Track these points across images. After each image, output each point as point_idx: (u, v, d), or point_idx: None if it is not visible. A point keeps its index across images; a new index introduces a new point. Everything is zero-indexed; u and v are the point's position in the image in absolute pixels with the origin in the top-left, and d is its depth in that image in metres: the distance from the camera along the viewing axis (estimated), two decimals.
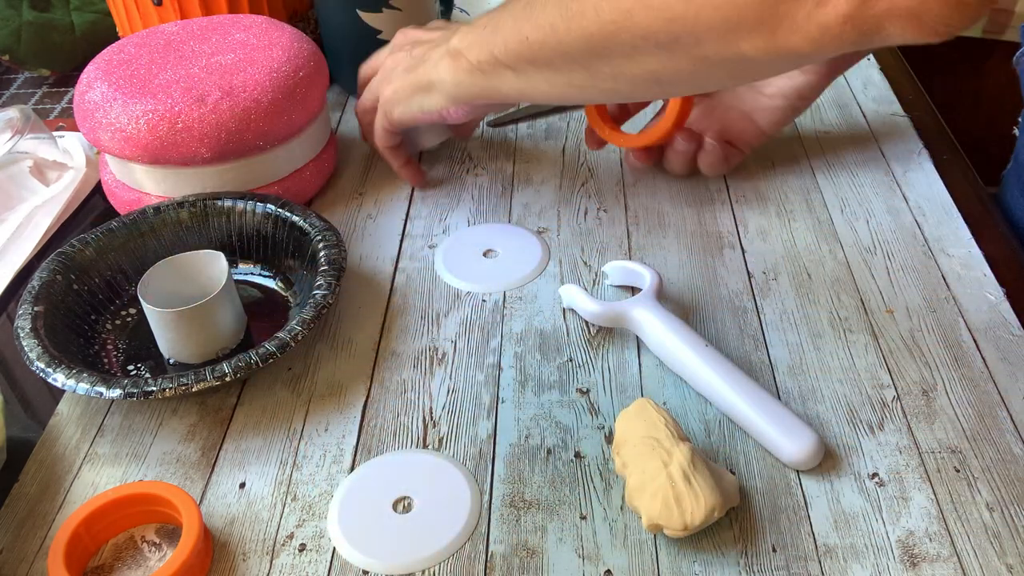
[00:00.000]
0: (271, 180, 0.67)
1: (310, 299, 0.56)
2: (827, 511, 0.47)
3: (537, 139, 0.77)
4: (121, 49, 0.69)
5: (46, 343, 0.53)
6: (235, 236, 0.64)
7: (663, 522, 0.44)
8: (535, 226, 0.67)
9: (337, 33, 0.79)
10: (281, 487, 0.50)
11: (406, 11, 0.78)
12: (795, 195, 0.68)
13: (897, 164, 0.71)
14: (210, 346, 0.57)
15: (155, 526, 0.48)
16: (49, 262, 0.59)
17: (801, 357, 0.55)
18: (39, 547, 0.48)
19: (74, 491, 0.50)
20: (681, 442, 0.46)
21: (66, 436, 0.54)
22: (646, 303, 0.56)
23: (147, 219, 0.63)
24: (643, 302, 0.56)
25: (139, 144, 0.63)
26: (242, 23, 0.71)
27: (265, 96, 0.64)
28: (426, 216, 0.69)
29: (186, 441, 0.53)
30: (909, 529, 0.46)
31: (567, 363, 0.56)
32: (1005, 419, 0.51)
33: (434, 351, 0.57)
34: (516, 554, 0.46)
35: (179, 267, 0.58)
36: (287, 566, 0.46)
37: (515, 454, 0.51)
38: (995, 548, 0.45)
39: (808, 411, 0.52)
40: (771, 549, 0.45)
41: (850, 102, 0.79)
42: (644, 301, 0.56)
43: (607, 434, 0.51)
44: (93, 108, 0.64)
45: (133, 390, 0.50)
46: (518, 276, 0.62)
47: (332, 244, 0.59)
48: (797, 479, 0.48)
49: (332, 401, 0.55)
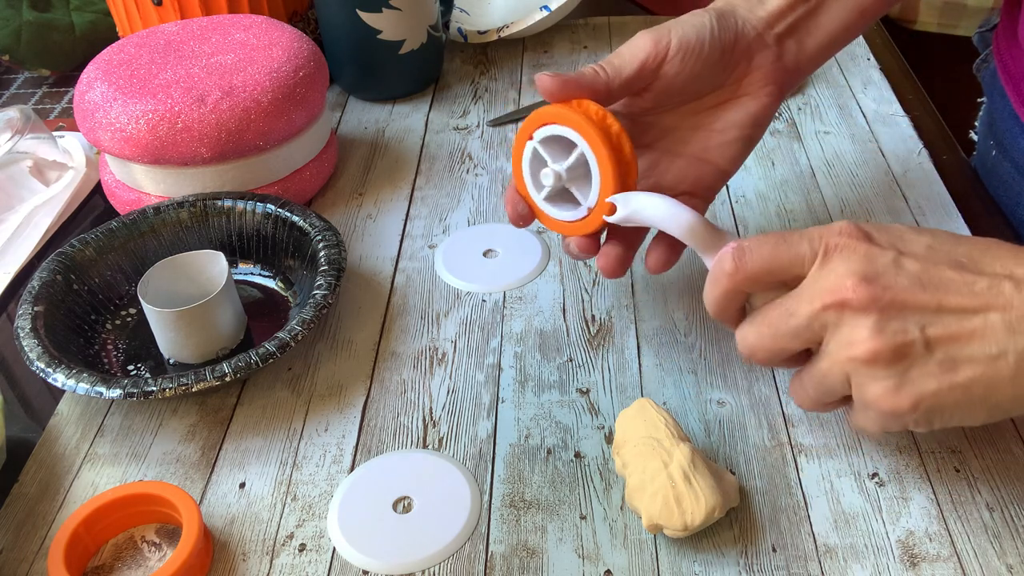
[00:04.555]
0: (271, 180, 0.67)
1: (310, 299, 0.56)
2: (827, 511, 0.47)
3: None
4: (121, 49, 0.69)
5: (46, 343, 0.53)
6: (235, 236, 0.64)
7: (663, 522, 0.44)
8: (535, 226, 0.67)
9: (337, 33, 0.79)
10: (281, 487, 0.50)
11: (406, 11, 0.78)
12: (795, 195, 0.68)
13: (897, 164, 0.71)
14: (210, 346, 0.57)
15: (155, 526, 0.48)
16: (49, 262, 0.59)
17: None
18: (39, 547, 0.48)
19: (74, 491, 0.50)
20: (681, 442, 0.46)
21: (66, 436, 0.54)
22: None
23: (147, 219, 0.63)
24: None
25: (139, 144, 0.63)
26: (242, 23, 0.71)
27: (265, 96, 0.64)
28: (426, 216, 0.69)
29: (186, 441, 0.53)
30: (909, 529, 0.46)
31: (567, 363, 0.56)
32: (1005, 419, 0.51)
33: (434, 351, 0.57)
34: (516, 554, 0.46)
35: (179, 267, 0.58)
36: (287, 566, 0.46)
37: (515, 454, 0.51)
38: (995, 548, 0.45)
39: (808, 411, 0.52)
40: (771, 549, 0.45)
41: (850, 102, 0.79)
42: None
43: (607, 434, 0.51)
44: (93, 108, 0.64)
45: (133, 390, 0.50)
46: (518, 276, 0.62)
47: (332, 244, 0.59)
48: (797, 479, 0.48)
49: (332, 401, 0.55)
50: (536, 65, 0.88)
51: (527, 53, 0.90)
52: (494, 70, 0.88)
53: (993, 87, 0.71)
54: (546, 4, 0.86)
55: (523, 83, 0.85)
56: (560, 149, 0.50)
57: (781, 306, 0.41)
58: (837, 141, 0.74)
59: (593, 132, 0.47)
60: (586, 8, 0.94)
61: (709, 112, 0.53)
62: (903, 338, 0.38)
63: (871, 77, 0.82)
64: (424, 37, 0.81)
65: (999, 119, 0.69)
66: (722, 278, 0.43)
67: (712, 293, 0.44)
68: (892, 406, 0.39)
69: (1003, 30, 0.67)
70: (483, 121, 0.80)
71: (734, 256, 0.42)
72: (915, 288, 0.38)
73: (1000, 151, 0.68)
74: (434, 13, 0.81)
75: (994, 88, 0.70)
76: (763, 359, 0.43)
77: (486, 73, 0.87)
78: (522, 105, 0.81)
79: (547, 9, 0.86)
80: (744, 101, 0.52)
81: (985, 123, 0.73)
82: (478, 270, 0.63)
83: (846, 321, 0.39)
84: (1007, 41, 0.65)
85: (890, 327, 0.38)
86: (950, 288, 0.38)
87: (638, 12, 0.99)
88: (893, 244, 0.40)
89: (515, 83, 0.85)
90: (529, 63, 0.88)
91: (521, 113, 0.80)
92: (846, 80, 0.81)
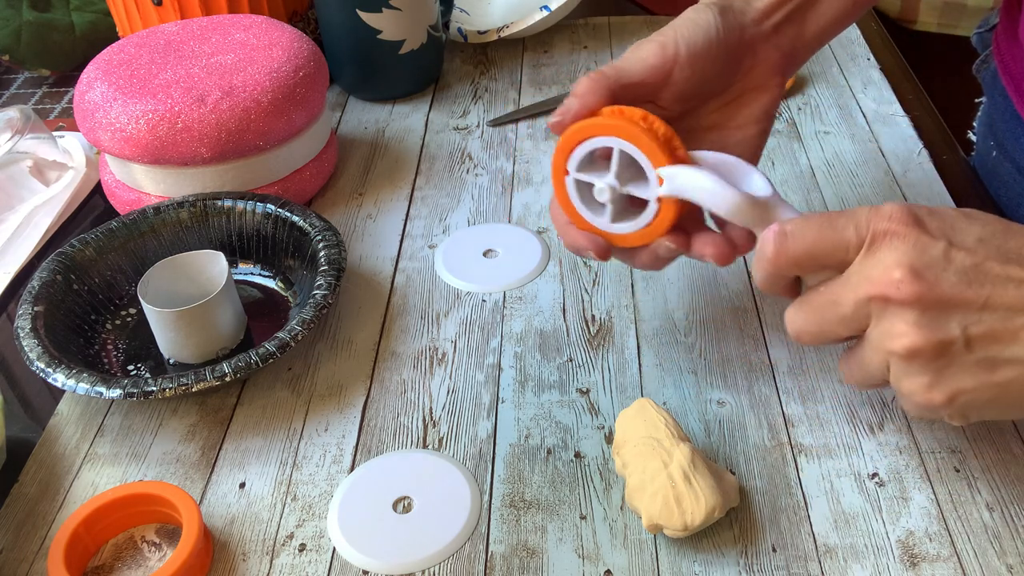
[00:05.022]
0: (271, 180, 0.67)
1: (310, 299, 0.56)
2: (827, 511, 0.47)
3: (537, 139, 0.77)
4: (121, 49, 0.69)
5: (46, 343, 0.53)
6: (235, 236, 0.64)
7: (663, 522, 0.44)
8: (535, 226, 0.67)
9: (337, 33, 0.79)
10: (281, 487, 0.50)
11: (406, 11, 0.78)
12: (795, 195, 0.68)
13: (897, 164, 0.71)
14: (210, 346, 0.57)
15: (155, 526, 0.48)
16: (49, 262, 0.59)
17: (801, 357, 0.55)
18: (39, 547, 0.48)
19: (74, 491, 0.50)
20: (681, 442, 0.46)
21: (66, 436, 0.54)
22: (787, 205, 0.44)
23: (147, 219, 0.63)
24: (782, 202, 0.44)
25: (139, 144, 0.63)
26: (242, 23, 0.71)
27: (265, 96, 0.64)
28: (426, 216, 0.69)
29: (186, 441, 0.53)
30: (909, 529, 0.46)
31: (567, 363, 0.56)
32: None
33: (434, 351, 0.57)
34: (516, 554, 0.46)
35: (179, 267, 0.58)
36: (287, 566, 0.46)
37: (515, 454, 0.51)
38: (995, 548, 0.45)
39: (808, 411, 0.52)
40: (771, 549, 0.45)
41: (850, 102, 0.79)
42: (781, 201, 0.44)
43: (607, 434, 0.51)
44: (93, 108, 0.64)
45: (133, 390, 0.50)
46: (518, 276, 0.62)
47: (332, 244, 0.59)
48: (797, 479, 0.48)
49: (332, 401, 0.55)
50: (536, 65, 0.88)
51: (527, 53, 0.90)
52: (494, 70, 0.88)
53: (994, 88, 0.71)
54: (546, 4, 0.86)
55: (523, 83, 0.85)
56: (597, 165, 0.47)
57: (827, 293, 0.40)
58: (837, 141, 0.74)
59: (610, 122, 0.44)
60: (586, 8, 0.94)
61: (722, 110, 0.51)
62: (944, 336, 0.37)
63: (871, 77, 0.82)
64: (424, 37, 0.81)
65: (1000, 120, 0.69)
66: (764, 262, 0.41)
67: (756, 275, 0.43)
68: (926, 400, 0.39)
69: (1003, 30, 0.67)
70: (483, 121, 0.80)
71: (776, 241, 0.40)
72: (962, 285, 0.37)
73: (1000, 151, 0.68)
74: (434, 13, 0.81)
75: (995, 88, 0.70)
76: (810, 342, 0.42)
77: (486, 73, 0.87)
78: (522, 105, 0.81)
79: (547, 9, 0.86)
80: (755, 95, 0.51)
81: (985, 123, 0.73)
82: (478, 270, 0.63)
83: (889, 313, 0.38)
84: (1007, 41, 0.65)
85: (932, 324, 0.37)
86: (997, 285, 0.37)
87: (638, 12, 0.99)
88: (944, 233, 0.38)
89: (515, 83, 0.85)
90: (529, 63, 0.88)
91: (521, 113, 0.80)
92: (846, 80, 0.81)
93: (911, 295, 0.37)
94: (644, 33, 0.91)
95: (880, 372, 0.40)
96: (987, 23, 0.74)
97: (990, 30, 0.73)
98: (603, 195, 0.46)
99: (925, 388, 0.38)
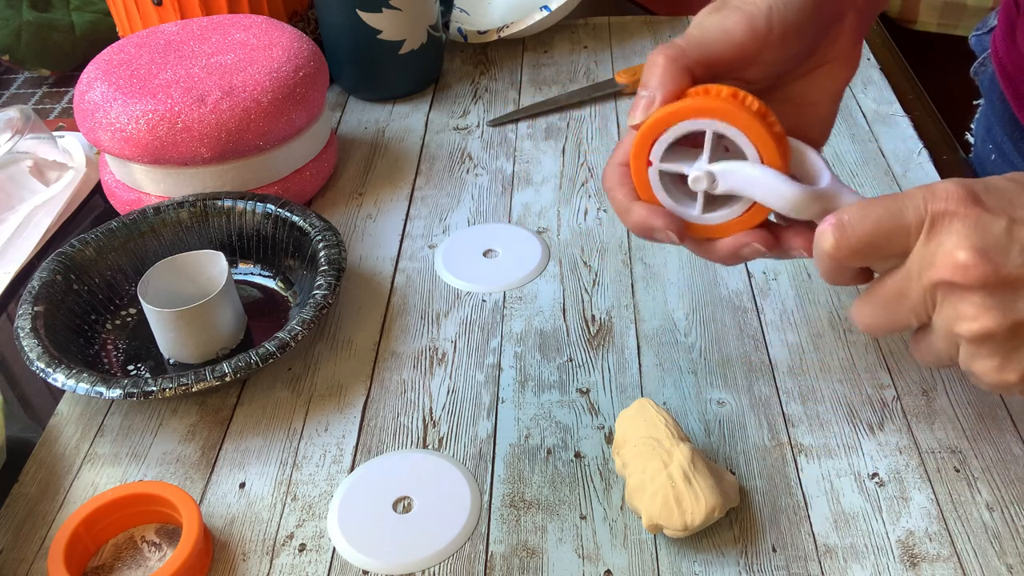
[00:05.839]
0: (271, 180, 0.67)
1: (310, 299, 0.56)
2: (827, 511, 0.47)
3: (537, 139, 0.77)
4: (121, 49, 0.69)
5: (46, 343, 0.53)
6: (235, 236, 0.64)
7: (663, 522, 0.44)
8: (535, 226, 0.67)
9: (337, 33, 0.79)
10: (281, 487, 0.50)
11: (406, 11, 0.78)
12: None
13: (897, 164, 0.71)
14: (210, 346, 0.57)
15: (155, 526, 0.48)
16: (49, 262, 0.59)
17: (801, 357, 0.55)
18: (39, 547, 0.48)
19: (74, 491, 0.50)
20: (681, 442, 0.46)
21: (66, 436, 0.54)
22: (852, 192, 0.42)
23: (147, 219, 0.63)
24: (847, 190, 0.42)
25: (139, 144, 0.63)
26: (242, 23, 0.71)
27: (265, 96, 0.64)
28: (426, 216, 0.69)
29: (186, 441, 0.53)
30: (909, 529, 0.46)
31: (567, 363, 0.56)
32: (1005, 419, 0.51)
33: (434, 351, 0.57)
34: (516, 554, 0.46)
35: (179, 267, 0.58)
36: (287, 566, 0.46)
37: (515, 454, 0.51)
38: (995, 548, 0.45)
39: (808, 411, 0.52)
40: (771, 549, 0.45)
41: (850, 102, 0.79)
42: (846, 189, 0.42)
43: (607, 434, 0.51)
44: (93, 108, 0.64)
45: (133, 390, 0.50)
46: (518, 276, 0.62)
47: (332, 244, 0.59)
48: (797, 479, 0.48)
49: (332, 401, 0.55)
50: (536, 65, 0.88)
51: (527, 53, 0.90)
52: (494, 70, 0.88)
53: (992, 91, 0.70)
54: (546, 4, 0.86)
55: (523, 83, 0.85)
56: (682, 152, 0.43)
57: (893, 284, 0.39)
58: (837, 141, 0.74)
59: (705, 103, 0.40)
60: (586, 8, 0.94)
61: (796, 83, 0.47)
62: (1014, 318, 0.36)
63: (871, 77, 0.82)
64: (424, 37, 0.81)
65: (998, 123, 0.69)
66: (824, 258, 0.40)
67: (819, 269, 0.41)
68: (998, 380, 0.38)
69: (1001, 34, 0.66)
70: (483, 121, 0.80)
71: (834, 234, 0.39)
72: None
73: (1000, 155, 0.68)
74: (434, 13, 0.81)
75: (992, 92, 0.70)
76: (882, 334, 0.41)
77: (486, 73, 0.87)
78: (522, 105, 0.81)
79: (547, 9, 0.86)
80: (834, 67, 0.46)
81: (983, 126, 0.73)
82: (478, 270, 0.63)
83: (955, 297, 0.37)
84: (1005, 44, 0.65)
85: (1000, 306, 0.36)
86: None
87: (638, 12, 0.99)
88: (1004, 209, 0.36)
89: (515, 83, 0.85)
90: (529, 63, 0.88)
91: (521, 113, 0.80)
92: None
93: (977, 278, 0.36)
94: (644, 33, 0.92)
95: (950, 355, 0.39)
96: (985, 25, 0.74)
97: (988, 32, 0.73)
98: (700, 184, 0.42)
99: (996, 369, 0.38)
